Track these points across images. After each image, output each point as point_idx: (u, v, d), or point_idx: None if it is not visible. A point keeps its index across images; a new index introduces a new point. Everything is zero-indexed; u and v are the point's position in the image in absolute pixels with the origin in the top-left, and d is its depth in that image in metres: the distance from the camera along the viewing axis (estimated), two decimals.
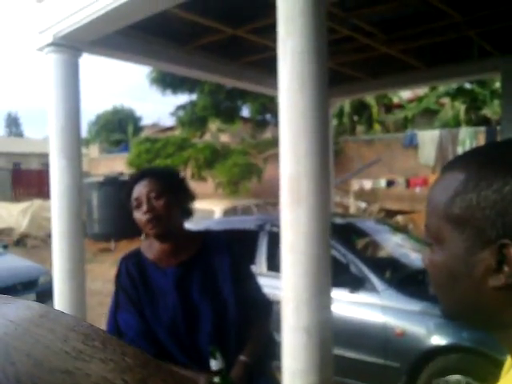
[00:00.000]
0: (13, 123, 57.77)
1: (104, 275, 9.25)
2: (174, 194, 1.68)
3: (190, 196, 1.79)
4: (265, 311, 1.80)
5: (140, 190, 1.67)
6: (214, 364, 1.49)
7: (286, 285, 2.55)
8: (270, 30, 3.05)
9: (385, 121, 15.96)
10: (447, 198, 0.58)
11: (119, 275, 1.73)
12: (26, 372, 0.24)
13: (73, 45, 4.28)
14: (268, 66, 5.12)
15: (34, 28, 4.44)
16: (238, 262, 1.77)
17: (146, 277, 1.68)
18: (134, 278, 1.68)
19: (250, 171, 13.64)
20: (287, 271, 2.55)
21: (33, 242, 13.15)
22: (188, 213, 1.78)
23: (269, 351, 1.81)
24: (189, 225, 1.83)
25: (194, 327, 1.62)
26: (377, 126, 15.63)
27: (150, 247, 1.75)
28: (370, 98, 14.73)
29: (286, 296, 2.53)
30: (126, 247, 11.72)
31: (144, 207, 1.63)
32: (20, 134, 53.80)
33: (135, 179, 1.73)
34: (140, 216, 1.65)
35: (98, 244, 12.74)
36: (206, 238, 1.79)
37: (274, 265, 4.13)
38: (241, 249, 1.86)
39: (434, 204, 0.61)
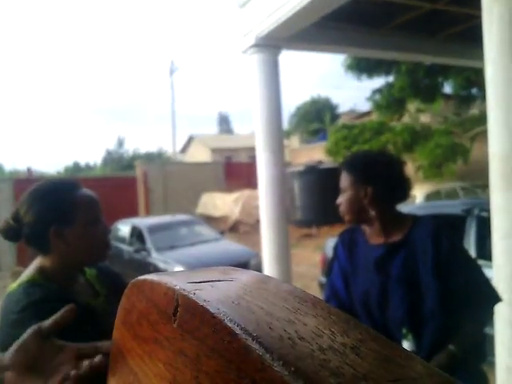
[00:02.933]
0: (224, 121, 64.01)
1: (308, 260, 9.68)
2: (371, 184, 1.70)
3: (401, 181, 1.77)
4: (483, 302, 1.68)
5: (340, 179, 1.78)
6: (407, 345, 1.53)
7: (499, 274, 2.37)
8: None
9: None
10: None
11: (337, 246, 1.90)
12: (261, 319, 0.34)
13: (273, 43, 4.59)
14: (471, 37, 4.73)
15: (237, 32, 4.89)
16: (447, 251, 1.67)
17: (357, 252, 1.81)
18: (347, 249, 1.84)
19: (455, 152, 12.71)
20: (500, 260, 2.37)
21: (244, 228, 14.46)
22: (400, 197, 1.77)
23: (480, 346, 1.70)
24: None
25: (387, 307, 1.67)
26: None
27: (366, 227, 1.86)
28: None
29: (499, 287, 2.35)
30: (327, 233, 12.07)
31: (339, 198, 1.77)
32: (230, 131, 59.19)
33: (342, 166, 1.83)
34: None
35: (301, 230, 13.37)
36: (416, 222, 1.77)
37: (484, 253, 3.83)
38: (450, 236, 1.76)
39: None
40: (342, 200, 1.76)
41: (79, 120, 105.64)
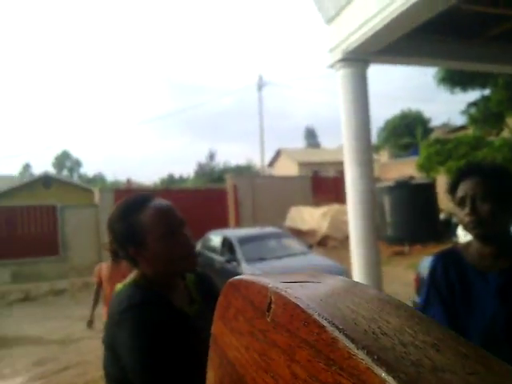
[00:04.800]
0: (310, 135, 64.11)
1: (400, 278, 9.35)
2: (503, 197, 1.55)
3: None
4: None
5: (465, 188, 1.58)
6: None
7: None
8: None
9: None
10: None
11: (434, 271, 1.69)
12: (347, 315, 0.38)
13: (360, 57, 4.57)
14: None
15: (324, 47, 4.93)
16: None
17: (464, 279, 1.61)
18: (451, 277, 1.63)
19: None
20: None
21: (332, 242, 14.31)
22: None
23: None
24: None
25: None
26: None
27: (468, 248, 1.67)
28: None
29: None
30: (420, 251, 11.60)
31: (467, 208, 1.55)
32: (317, 145, 59.12)
33: (461, 175, 1.64)
34: (462, 216, 1.58)
35: (392, 247, 12.97)
36: None
37: None
38: None
39: None
40: (485, 209, 1.53)
41: (173, 134, 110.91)
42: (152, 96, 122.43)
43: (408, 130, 32.29)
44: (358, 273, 4.63)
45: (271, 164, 39.67)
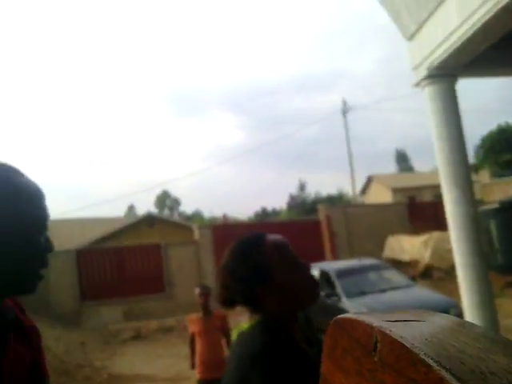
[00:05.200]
0: (402, 159, 61.92)
1: None
2: None
3: None
4: None
5: None
6: None
7: None
8: None
9: None
10: None
11: None
12: (453, 355, 0.39)
13: (447, 73, 4.37)
14: None
15: (407, 65, 4.79)
16: None
17: None
18: None
19: None
20: None
21: (438, 273, 13.43)
22: None
23: None
24: None
25: None
26: None
27: None
28: None
29: None
30: None
31: None
32: (409, 168, 56.93)
33: None
34: None
35: (504, 277, 11.87)
36: None
37: None
38: None
39: None
40: None
41: (263, 167, 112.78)
42: (240, 130, 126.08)
43: (508, 146, 30.10)
44: (468, 306, 4.31)
45: (363, 191, 38.88)
